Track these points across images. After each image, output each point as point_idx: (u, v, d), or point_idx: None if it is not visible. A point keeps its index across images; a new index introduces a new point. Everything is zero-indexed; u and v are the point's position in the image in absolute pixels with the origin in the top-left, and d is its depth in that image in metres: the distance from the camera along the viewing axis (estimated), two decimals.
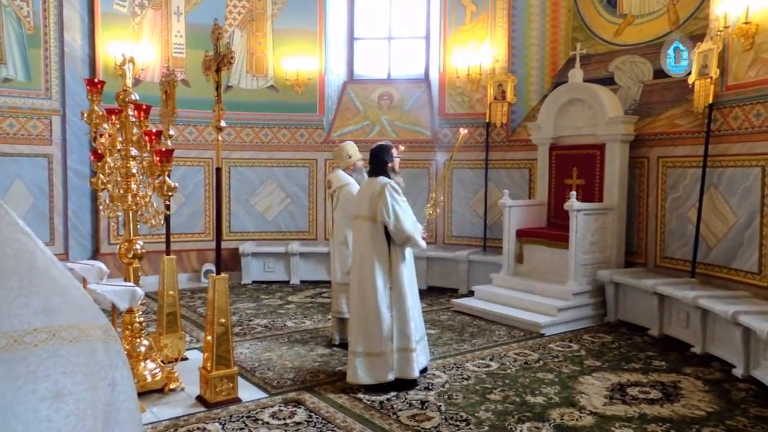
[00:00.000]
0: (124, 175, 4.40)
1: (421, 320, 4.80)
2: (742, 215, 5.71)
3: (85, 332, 1.32)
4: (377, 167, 4.67)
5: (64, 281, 1.36)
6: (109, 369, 1.33)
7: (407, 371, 4.50)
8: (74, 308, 1.33)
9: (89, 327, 1.33)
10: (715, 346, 5.36)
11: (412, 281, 4.71)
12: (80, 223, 7.96)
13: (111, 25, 7.96)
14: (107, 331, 1.38)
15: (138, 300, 4.24)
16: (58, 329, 1.27)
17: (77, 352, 1.28)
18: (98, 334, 1.35)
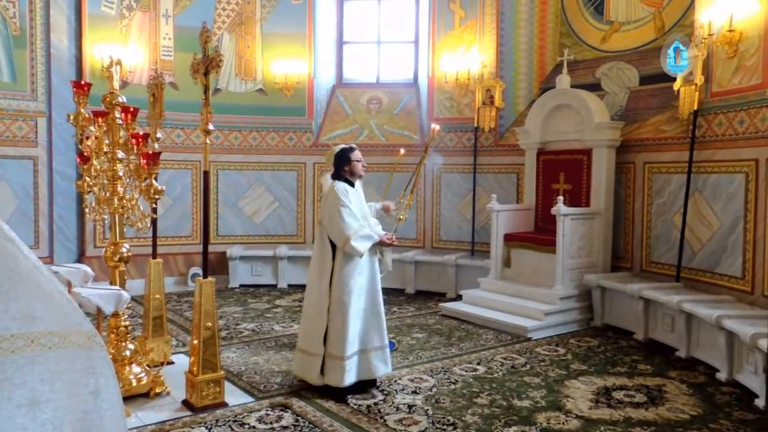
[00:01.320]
0: (110, 178, 4.37)
1: (380, 330, 4.56)
2: (726, 221, 5.78)
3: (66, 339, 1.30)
4: (335, 171, 4.67)
5: (48, 287, 1.34)
6: (92, 376, 1.31)
7: (333, 378, 4.41)
8: (57, 314, 1.30)
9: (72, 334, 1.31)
10: (700, 350, 5.41)
11: (367, 289, 4.51)
12: (66, 226, 7.89)
13: (98, 27, 7.92)
14: (92, 337, 1.36)
15: (124, 304, 4.21)
16: (37, 335, 1.25)
17: (57, 360, 1.26)
18: (81, 340, 1.33)
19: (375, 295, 4.56)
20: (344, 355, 4.37)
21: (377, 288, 4.59)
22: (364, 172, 4.69)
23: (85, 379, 1.30)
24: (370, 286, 4.54)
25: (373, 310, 4.54)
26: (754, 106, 5.47)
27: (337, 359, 4.39)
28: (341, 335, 4.39)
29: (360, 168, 4.63)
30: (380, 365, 4.58)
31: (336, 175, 4.64)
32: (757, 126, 5.47)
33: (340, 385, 4.39)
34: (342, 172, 4.60)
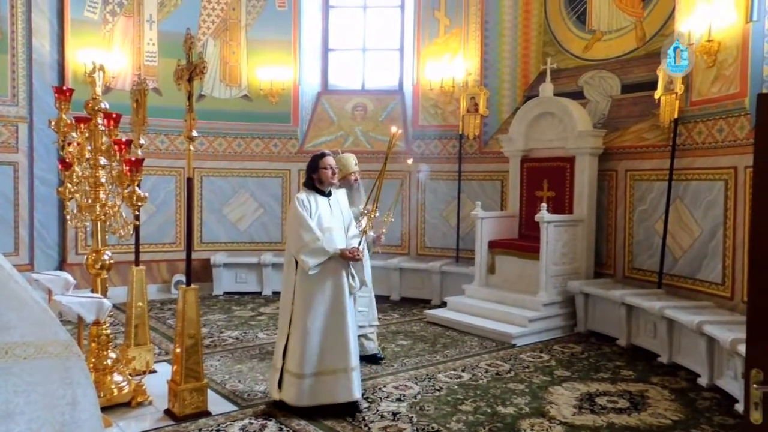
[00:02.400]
0: (92, 185, 4.33)
1: (345, 351, 4.22)
2: (706, 227, 5.86)
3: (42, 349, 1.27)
4: (306, 178, 4.49)
5: (23, 296, 1.32)
6: (69, 387, 1.29)
7: (287, 394, 4.24)
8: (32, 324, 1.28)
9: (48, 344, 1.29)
10: (681, 356, 5.46)
11: (329, 308, 4.22)
12: (46, 233, 7.79)
13: (81, 32, 7.86)
14: (69, 347, 1.34)
15: (105, 312, 4.16)
16: (12, 346, 1.23)
17: (32, 370, 1.24)
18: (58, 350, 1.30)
19: (339, 315, 4.23)
20: (299, 373, 4.18)
21: (343, 308, 4.25)
22: (332, 179, 4.38)
23: (62, 390, 1.27)
24: (332, 306, 4.23)
25: (335, 330, 4.22)
26: (732, 114, 5.56)
27: (293, 375, 4.22)
28: (297, 352, 4.20)
29: (328, 176, 4.34)
30: (342, 390, 4.22)
31: (306, 182, 4.45)
32: (735, 134, 5.56)
33: (293, 404, 4.21)
34: (311, 179, 4.39)
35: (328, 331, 4.23)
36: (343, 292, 4.27)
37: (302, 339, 4.20)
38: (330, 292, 4.24)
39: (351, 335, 4.29)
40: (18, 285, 1.33)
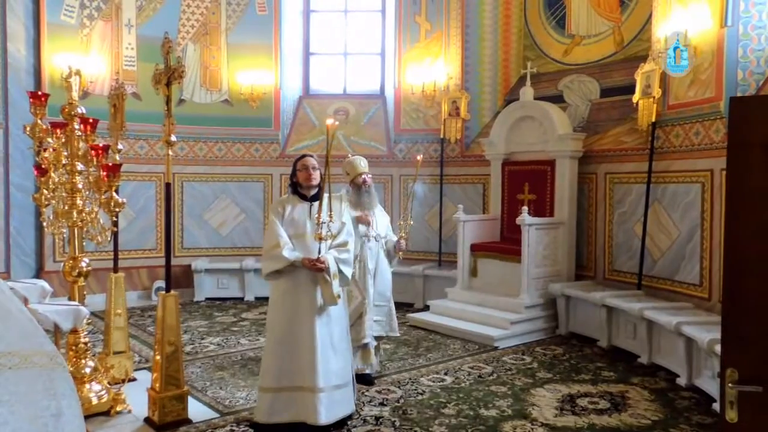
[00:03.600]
0: (69, 191, 4.27)
1: (310, 370, 3.90)
2: (684, 229, 5.94)
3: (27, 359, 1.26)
4: (289, 182, 4.31)
5: (8, 305, 1.31)
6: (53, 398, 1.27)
7: (255, 409, 4.09)
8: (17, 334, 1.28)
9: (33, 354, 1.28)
10: (661, 356, 5.52)
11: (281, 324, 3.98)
12: (23, 240, 7.67)
13: (58, 36, 7.76)
14: (53, 358, 1.33)
15: (82, 319, 4.11)
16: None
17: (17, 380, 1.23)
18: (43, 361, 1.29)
19: (292, 333, 3.93)
20: (262, 386, 4.03)
21: (299, 325, 3.93)
22: (309, 183, 4.12)
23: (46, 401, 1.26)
24: (285, 321, 3.97)
25: (299, 344, 3.93)
26: (708, 118, 5.64)
27: (259, 389, 4.09)
28: (263, 365, 4.08)
29: (304, 177, 4.12)
30: (304, 411, 3.92)
31: (289, 185, 4.31)
32: (711, 137, 5.65)
33: (256, 420, 4.03)
34: (293, 182, 4.23)
35: (281, 349, 3.95)
36: (298, 309, 3.93)
37: (268, 351, 4.07)
38: (286, 308, 3.97)
39: (320, 352, 3.91)
40: (3, 295, 1.32)
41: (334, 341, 4.03)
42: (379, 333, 5.12)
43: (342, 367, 4.07)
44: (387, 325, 5.20)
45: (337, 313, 4.07)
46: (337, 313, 4.07)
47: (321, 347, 3.93)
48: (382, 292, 5.14)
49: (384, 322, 5.16)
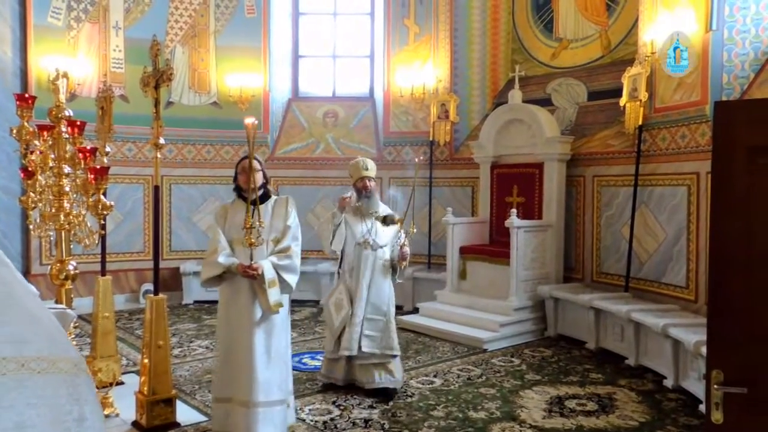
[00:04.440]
0: (56, 194, 4.23)
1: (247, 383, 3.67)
2: (670, 232, 5.99)
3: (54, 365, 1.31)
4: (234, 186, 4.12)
5: (39, 313, 1.36)
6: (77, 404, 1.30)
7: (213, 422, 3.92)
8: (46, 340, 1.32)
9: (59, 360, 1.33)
10: (648, 358, 5.57)
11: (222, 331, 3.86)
12: (9, 244, 7.58)
13: (45, 39, 7.70)
14: (78, 364, 1.37)
15: (69, 323, 4.04)
16: (27, 359, 1.26)
17: (44, 385, 1.26)
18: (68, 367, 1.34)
19: (232, 342, 3.75)
20: (213, 395, 3.92)
21: (238, 334, 3.74)
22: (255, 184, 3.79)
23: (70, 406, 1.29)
24: (227, 330, 3.81)
25: (225, 359, 3.79)
26: (694, 121, 5.70)
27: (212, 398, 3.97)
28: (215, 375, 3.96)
29: (243, 181, 3.87)
30: (238, 426, 3.71)
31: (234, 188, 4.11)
32: (697, 141, 5.71)
33: (213, 430, 3.89)
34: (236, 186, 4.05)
35: (232, 355, 3.77)
36: (249, 313, 3.71)
37: (217, 360, 3.98)
38: (223, 317, 3.83)
39: (258, 364, 3.67)
40: (34, 302, 1.38)
41: (277, 353, 3.77)
42: (371, 350, 4.73)
43: (283, 380, 3.83)
44: (381, 342, 4.77)
45: (282, 323, 3.82)
46: (282, 323, 3.82)
47: (258, 359, 3.68)
48: (378, 305, 4.79)
49: (377, 338, 4.76)
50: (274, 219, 3.83)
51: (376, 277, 4.81)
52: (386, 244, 4.84)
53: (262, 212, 3.73)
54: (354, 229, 4.86)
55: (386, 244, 4.84)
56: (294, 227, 3.87)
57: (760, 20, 5.31)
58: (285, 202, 3.92)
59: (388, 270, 4.86)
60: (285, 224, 3.83)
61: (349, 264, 4.87)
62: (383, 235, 4.87)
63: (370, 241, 4.81)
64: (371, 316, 4.77)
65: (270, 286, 3.64)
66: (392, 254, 4.82)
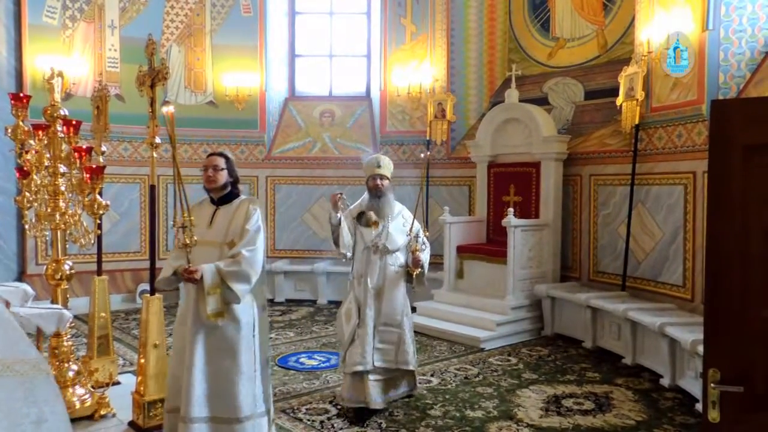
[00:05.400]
0: (51, 193, 4.23)
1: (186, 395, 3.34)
2: (667, 231, 6.00)
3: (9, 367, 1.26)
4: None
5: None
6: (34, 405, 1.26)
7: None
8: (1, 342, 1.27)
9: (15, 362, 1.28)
10: (645, 357, 5.57)
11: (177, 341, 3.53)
12: (5, 243, 7.56)
13: (40, 38, 7.67)
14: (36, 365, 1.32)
15: (66, 323, 4.06)
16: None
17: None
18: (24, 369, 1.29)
19: (186, 346, 3.43)
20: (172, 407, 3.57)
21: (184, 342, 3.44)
22: (210, 185, 3.63)
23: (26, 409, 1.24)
24: (179, 339, 3.53)
25: (182, 364, 3.44)
26: (690, 120, 5.71)
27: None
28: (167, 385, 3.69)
29: (204, 179, 3.66)
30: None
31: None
32: (693, 140, 5.71)
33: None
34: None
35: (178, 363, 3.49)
36: (194, 321, 3.39)
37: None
38: (183, 318, 3.53)
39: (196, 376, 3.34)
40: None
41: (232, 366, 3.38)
42: (381, 364, 4.36)
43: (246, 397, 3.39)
44: (394, 356, 4.40)
45: (240, 334, 3.41)
46: (240, 334, 3.41)
47: (197, 370, 3.34)
48: (390, 315, 4.41)
49: (390, 351, 4.39)
50: (234, 221, 3.50)
51: (387, 284, 4.42)
52: (399, 249, 4.45)
53: (223, 213, 3.53)
54: (364, 232, 4.48)
55: (399, 249, 4.45)
56: (252, 231, 3.46)
57: (756, 19, 5.32)
58: (247, 204, 3.58)
59: (402, 277, 4.47)
60: (244, 227, 3.47)
61: (357, 270, 4.49)
62: (396, 239, 4.45)
63: (379, 245, 4.41)
64: (383, 328, 4.39)
65: (210, 293, 3.29)
66: (407, 259, 4.44)
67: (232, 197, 3.61)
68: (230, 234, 3.47)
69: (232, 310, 3.38)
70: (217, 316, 3.31)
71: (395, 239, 4.44)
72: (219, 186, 3.59)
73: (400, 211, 4.59)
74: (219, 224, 3.52)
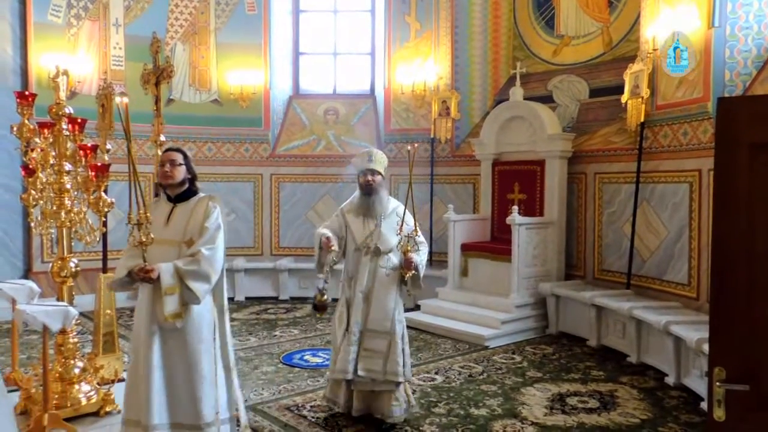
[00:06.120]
0: (57, 191, 4.24)
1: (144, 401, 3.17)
2: (672, 229, 5.98)
3: None
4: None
5: None
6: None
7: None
8: None
9: None
10: (650, 356, 5.56)
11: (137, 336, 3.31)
12: (10, 241, 7.59)
13: (45, 36, 7.69)
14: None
15: (71, 320, 4.07)
16: None
17: None
18: None
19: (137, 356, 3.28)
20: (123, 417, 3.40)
21: (139, 346, 3.27)
22: (166, 181, 3.40)
23: None
24: (134, 341, 3.39)
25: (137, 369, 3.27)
26: (696, 118, 5.69)
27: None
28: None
29: (159, 175, 3.46)
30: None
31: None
32: (699, 138, 5.69)
33: None
34: None
35: (135, 371, 3.30)
36: (150, 324, 3.23)
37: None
38: (139, 321, 3.34)
39: (155, 381, 3.18)
40: None
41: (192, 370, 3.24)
42: (367, 374, 4.03)
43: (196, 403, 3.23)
44: (382, 366, 4.04)
45: (199, 336, 3.28)
46: (199, 336, 3.28)
47: (155, 375, 3.19)
48: (378, 321, 4.08)
49: (378, 361, 4.04)
50: (193, 219, 3.33)
51: (377, 287, 4.12)
52: (392, 250, 4.14)
53: (181, 211, 3.36)
54: (354, 231, 4.22)
55: (392, 250, 4.14)
56: (212, 229, 3.32)
57: (762, 17, 5.29)
58: (207, 201, 3.41)
59: (394, 280, 4.13)
60: (203, 225, 3.32)
61: (347, 272, 4.26)
62: (389, 239, 4.14)
63: (371, 246, 4.15)
64: (371, 334, 4.09)
65: (167, 293, 3.13)
66: (400, 261, 4.10)
67: (189, 194, 3.43)
68: (189, 232, 3.31)
69: (191, 311, 3.23)
70: (176, 318, 3.17)
71: (388, 239, 4.14)
72: (176, 182, 3.38)
73: (394, 209, 4.29)
74: (176, 222, 3.35)
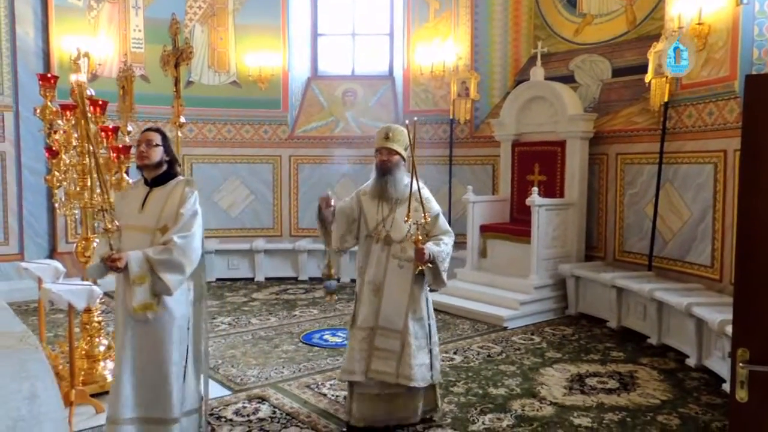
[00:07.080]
0: (80, 172, 4.30)
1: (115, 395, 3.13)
2: (695, 210, 5.89)
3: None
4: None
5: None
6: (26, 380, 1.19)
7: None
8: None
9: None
10: (671, 337, 5.52)
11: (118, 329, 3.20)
12: (36, 222, 7.74)
13: (66, 19, 7.75)
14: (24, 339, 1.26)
15: (96, 299, 4.15)
16: None
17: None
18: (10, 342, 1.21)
19: (118, 341, 3.20)
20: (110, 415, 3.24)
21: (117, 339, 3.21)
22: (141, 161, 3.19)
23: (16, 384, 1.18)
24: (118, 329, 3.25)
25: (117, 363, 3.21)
26: (722, 98, 5.57)
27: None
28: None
29: (136, 155, 3.26)
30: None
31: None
32: (725, 117, 5.58)
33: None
34: None
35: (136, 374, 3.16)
36: (123, 313, 3.14)
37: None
38: (117, 311, 3.25)
39: (126, 374, 3.09)
40: None
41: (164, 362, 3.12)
42: (375, 376, 3.66)
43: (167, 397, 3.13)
44: (395, 368, 3.62)
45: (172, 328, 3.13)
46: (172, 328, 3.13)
47: (126, 366, 3.10)
48: (389, 317, 3.66)
49: (390, 361, 3.63)
50: (168, 204, 3.13)
51: (389, 279, 3.66)
52: (402, 239, 3.66)
53: (157, 196, 3.17)
54: (367, 216, 3.76)
55: (402, 239, 3.66)
56: (187, 216, 3.10)
57: None
58: (183, 185, 3.20)
59: (409, 272, 3.64)
60: (178, 211, 3.11)
61: (359, 260, 3.82)
62: (404, 227, 3.58)
63: (381, 233, 3.69)
64: (382, 332, 3.67)
65: (135, 283, 2.97)
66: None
67: (167, 178, 3.23)
68: (163, 218, 3.11)
69: (165, 302, 3.06)
70: (146, 309, 3.01)
71: (402, 227, 3.61)
72: (153, 164, 3.18)
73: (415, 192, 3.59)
74: (152, 207, 3.15)
